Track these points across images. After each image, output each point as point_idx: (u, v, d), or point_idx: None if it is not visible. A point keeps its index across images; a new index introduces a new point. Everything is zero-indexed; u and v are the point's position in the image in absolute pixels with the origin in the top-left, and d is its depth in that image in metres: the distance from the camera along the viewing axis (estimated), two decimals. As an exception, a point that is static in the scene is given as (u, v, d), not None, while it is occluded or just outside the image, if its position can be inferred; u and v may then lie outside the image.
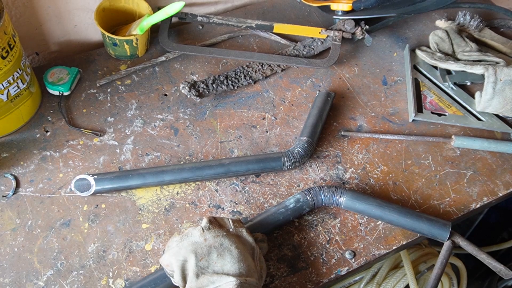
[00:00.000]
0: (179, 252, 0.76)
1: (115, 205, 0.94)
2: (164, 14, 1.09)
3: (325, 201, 0.93)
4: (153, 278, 0.82)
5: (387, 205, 0.92)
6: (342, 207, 0.93)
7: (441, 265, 0.88)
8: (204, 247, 0.76)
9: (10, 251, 0.87)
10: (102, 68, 1.12)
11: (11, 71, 0.91)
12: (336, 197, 0.93)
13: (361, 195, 0.93)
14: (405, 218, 0.91)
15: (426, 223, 0.90)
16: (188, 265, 0.75)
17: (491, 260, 0.89)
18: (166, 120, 1.06)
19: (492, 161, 1.05)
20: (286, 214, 0.91)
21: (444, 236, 0.90)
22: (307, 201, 0.92)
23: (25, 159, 0.97)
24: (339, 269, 0.90)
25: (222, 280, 0.72)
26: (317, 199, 0.93)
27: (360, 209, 0.92)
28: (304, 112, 1.09)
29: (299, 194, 0.93)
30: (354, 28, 1.18)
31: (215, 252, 0.75)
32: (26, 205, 0.92)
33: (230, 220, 0.81)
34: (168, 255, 0.77)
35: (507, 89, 1.05)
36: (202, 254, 0.75)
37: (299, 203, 0.92)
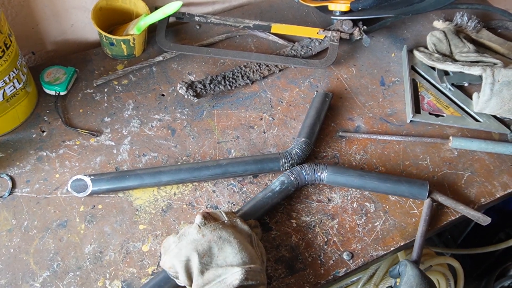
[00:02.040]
0: (179, 252, 0.76)
1: (112, 205, 0.93)
2: (162, 14, 1.08)
3: (307, 179, 0.95)
4: (157, 281, 0.81)
5: (367, 174, 0.96)
6: (325, 183, 0.96)
7: (425, 223, 0.93)
8: (204, 243, 0.75)
9: (6, 252, 0.86)
10: (99, 68, 1.12)
11: (7, 71, 0.90)
12: (317, 173, 0.95)
13: (342, 168, 0.97)
14: (385, 184, 0.95)
15: (405, 185, 0.95)
16: (191, 264, 0.75)
17: (470, 210, 0.95)
18: (163, 120, 1.05)
19: (490, 162, 1.05)
20: (273, 198, 0.93)
21: (424, 194, 0.95)
22: (291, 181, 0.94)
23: (21, 159, 0.97)
24: (337, 270, 0.89)
25: (228, 272, 0.73)
26: (300, 178, 0.95)
27: (343, 182, 0.96)
28: (302, 113, 1.09)
29: (282, 176, 0.95)
30: (352, 29, 1.18)
31: (215, 246, 0.75)
32: (22, 206, 0.91)
33: (223, 212, 0.82)
34: (168, 257, 0.77)
35: (504, 90, 1.05)
36: (203, 250, 0.75)
37: (284, 185, 0.94)
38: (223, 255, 0.75)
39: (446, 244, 1.74)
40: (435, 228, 0.96)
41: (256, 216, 0.91)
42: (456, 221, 0.99)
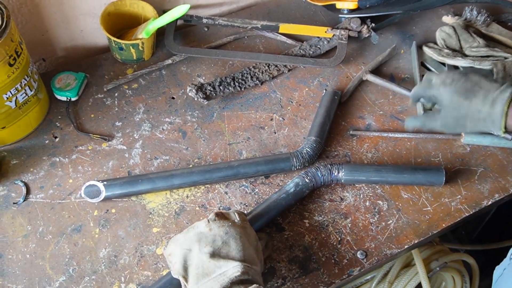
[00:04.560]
0: (184, 242, 0.76)
1: (125, 209, 0.94)
2: (170, 17, 1.09)
3: (324, 180, 0.95)
4: (168, 279, 0.82)
5: (383, 167, 0.97)
6: (343, 182, 0.96)
7: None
8: (209, 236, 0.75)
9: (22, 258, 0.87)
10: (109, 73, 1.13)
11: (18, 78, 0.91)
12: (334, 173, 0.95)
13: (358, 165, 0.97)
14: (402, 175, 0.96)
15: (421, 173, 0.96)
16: (191, 255, 0.74)
17: None
18: (174, 123, 1.06)
19: (503, 157, 1.04)
20: (287, 199, 0.93)
21: (441, 180, 0.96)
22: (306, 183, 0.94)
23: (35, 165, 0.98)
24: (351, 269, 0.89)
25: (229, 264, 0.72)
26: (315, 180, 0.94)
27: (361, 179, 0.96)
28: (312, 112, 1.09)
29: (297, 178, 0.95)
30: (360, 26, 1.18)
31: (219, 239, 0.75)
32: (37, 212, 0.92)
33: (236, 213, 0.81)
34: (172, 245, 0.77)
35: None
36: (207, 241, 0.74)
37: (299, 187, 0.93)
38: (227, 249, 0.74)
39: (460, 240, 1.72)
40: (449, 225, 0.96)
41: (268, 217, 0.91)
42: (470, 217, 0.98)
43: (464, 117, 0.85)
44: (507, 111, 0.80)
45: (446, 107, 0.87)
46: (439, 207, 0.97)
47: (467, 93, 0.84)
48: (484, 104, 0.82)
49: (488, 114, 0.82)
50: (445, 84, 0.87)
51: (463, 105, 0.84)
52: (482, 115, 0.82)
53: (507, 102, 0.80)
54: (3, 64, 0.86)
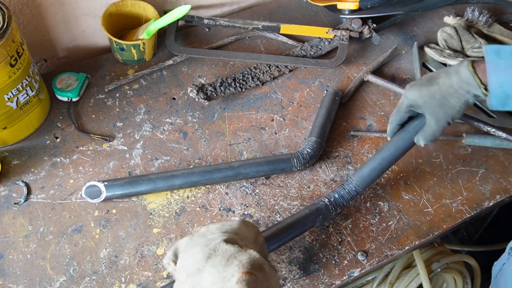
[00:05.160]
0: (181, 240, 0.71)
1: (125, 210, 0.94)
2: (171, 18, 1.09)
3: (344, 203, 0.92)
4: None
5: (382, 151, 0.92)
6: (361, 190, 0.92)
7: None
8: (204, 229, 0.71)
9: (23, 258, 0.87)
10: (110, 73, 1.13)
11: (20, 79, 0.91)
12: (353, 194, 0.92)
13: (365, 167, 0.92)
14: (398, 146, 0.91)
15: None
16: (180, 242, 0.69)
17: None
18: (175, 123, 1.06)
19: (504, 158, 1.04)
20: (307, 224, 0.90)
21: None
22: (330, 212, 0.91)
23: (36, 165, 0.98)
24: (351, 270, 0.89)
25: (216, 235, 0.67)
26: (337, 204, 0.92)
27: (373, 177, 0.92)
28: (313, 113, 1.09)
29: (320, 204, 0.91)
30: (361, 27, 1.18)
31: (213, 227, 0.70)
32: (37, 212, 0.92)
33: None
34: None
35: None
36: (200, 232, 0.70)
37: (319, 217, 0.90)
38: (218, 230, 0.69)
39: (462, 242, 1.72)
40: (450, 226, 0.95)
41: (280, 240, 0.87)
42: (471, 218, 0.98)
43: (443, 98, 0.85)
44: (474, 70, 0.80)
45: (423, 105, 0.87)
46: (440, 208, 0.97)
47: (431, 80, 0.85)
48: (450, 77, 0.83)
49: (460, 81, 0.82)
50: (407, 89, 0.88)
51: (434, 90, 0.85)
52: (455, 85, 0.83)
53: (470, 63, 0.81)
54: (5, 64, 0.86)
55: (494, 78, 0.78)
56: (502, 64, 0.78)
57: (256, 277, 0.59)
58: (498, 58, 0.78)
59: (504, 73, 0.78)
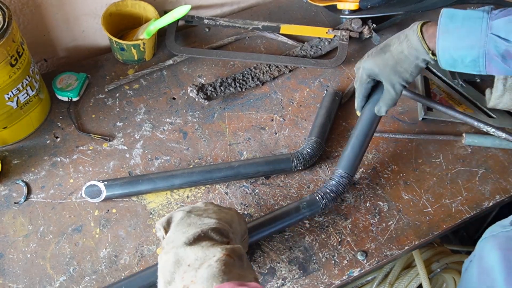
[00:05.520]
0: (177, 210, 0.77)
1: (125, 209, 0.94)
2: (171, 18, 1.09)
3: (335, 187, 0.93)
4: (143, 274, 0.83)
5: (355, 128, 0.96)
6: None
7: None
8: (202, 207, 0.77)
9: (23, 257, 0.87)
10: (110, 73, 1.13)
11: (20, 79, 0.91)
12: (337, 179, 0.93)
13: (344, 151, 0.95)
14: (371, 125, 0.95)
15: None
16: (179, 213, 0.75)
17: None
18: (175, 123, 1.06)
19: (504, 158, 1.04)
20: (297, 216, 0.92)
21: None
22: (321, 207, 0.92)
23: (36, 165, 0.98)
24: (351, 270, 0.89)
25: (212, 220, 0.73)
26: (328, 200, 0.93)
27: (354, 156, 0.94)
28: (312, 113, 1.09)
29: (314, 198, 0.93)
30: (361, 27, 1.18)
31: (211, 210, 0.77)
32: (38, 211, 0.92)
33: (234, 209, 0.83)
34: None
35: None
36: (199, 209, 0.76)
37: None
38: (214, 216, 0.75)
39: (462, 242, 1.72)
40: (450, 227, 0.95)
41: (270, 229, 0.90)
42: (471, 218, 0.98)
43: (396, 64, 0.87)
44: (422, 36, 0.82)
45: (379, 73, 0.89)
46: (440, 208, 0.97)
47: (384, 48, 0.88)
48: (401, 43, 0.85)
49: (409, 47, 0.84)
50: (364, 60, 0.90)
51: (386, 58, 0.87)
52: (405, 51, 0.85)
53: (418, 28, 0.83)
54: (5, 64, 0.86)
55: (441, 42, 0.80)
56: (451, 28, 0.79)
57: (234, 260, 0.65)
58: (450, 22, 0.80)
59: (451, 36, 0.79)
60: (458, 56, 0.79)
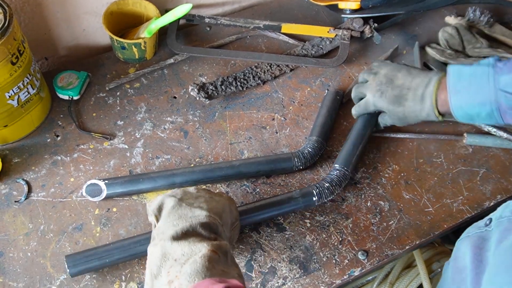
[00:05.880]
0: (169, 192, 0.79)
1: (126, 208, 0.94)
2: (172, 17, 1.09)
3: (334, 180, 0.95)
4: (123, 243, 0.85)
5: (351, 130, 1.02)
6: None
7: None
8: (194, 193, 0.79)
9: (23, 256, 0.87)
10: (111, 72, 1.13)
11: (21, 77, 0.91)
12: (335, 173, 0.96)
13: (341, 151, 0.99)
14: None
15: None
16: (170, 199, 0.76)
17: None
18: (176, 122, 1.06)
19: (505, 158, 1.04)
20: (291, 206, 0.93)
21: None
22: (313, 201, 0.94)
23: (37, 164, 0.98)
24: (352, 269, 0.89)
25: (203, 212, 0.74)
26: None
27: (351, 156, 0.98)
28: (314, 112, 1.09)
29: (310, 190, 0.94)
30: (362, 27, 1.18)
31: (203, 198, 0.78)
32: (38, 210, 0.92)
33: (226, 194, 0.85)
34: (158, 196, 0.80)
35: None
36: (191, 196, 0.78)
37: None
38: (207, 205, 0.76)
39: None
40: (450, 226, 0.95)
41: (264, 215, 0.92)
42: (472, 218, 0.98)
43: (404, 118, 0.95)
44: (436, 104, 0.88)
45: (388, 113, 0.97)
46: (441, 208, 0.97)
47: (399, 100, 0.93)
48: (415, 104, 0.91)
49: (422, 110, 0.91)
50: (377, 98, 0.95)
51: (399, 111, 0.94)
52: (417, 112, 0.92)
53: (434, 95, 0.88)
54: (6, 62, 0.86)
55: (453, 101, 0.85)
56: (460, 87, 0.84)
57: (219, 257, 0.67)
58: (458, 81, 0.84)
59: (462, 96, 0.84)
60: (473, 112, 0.84)
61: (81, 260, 0.83)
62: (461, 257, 0.80)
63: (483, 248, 0.74)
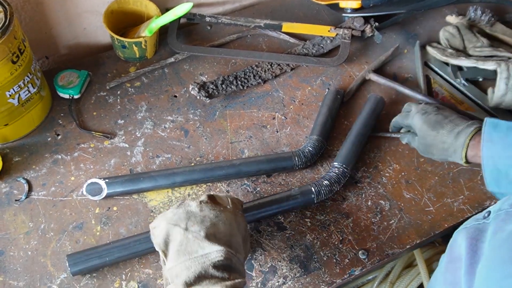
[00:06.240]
0: (172, 217, 0.73)
1: (127, 207, 0.94)
2: (173, 16, 1.09)
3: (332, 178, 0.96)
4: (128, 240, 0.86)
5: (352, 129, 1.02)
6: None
7: None
8: (198, 216, 0.73)
9: (24, 255, 0.87)
10: (112, 71, 1.13)
11: (21, 76, 0.91)
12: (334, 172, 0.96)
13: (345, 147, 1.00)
14: None
15: None
16: (176, 230, 0.72)
17: None
18: (176, 121, 1.06)
19: (506, 158, 1.04)
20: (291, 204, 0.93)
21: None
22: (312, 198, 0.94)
23: (37, 162, 0.98)
24: (352, 269, 0.89)
25: (213, 247, 0.70)
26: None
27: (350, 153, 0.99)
28: (314, 111, 1.09)
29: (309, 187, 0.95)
30: (363, 26, 1.18)
31: (208, 221, 0.73)
32: (38, 209, 0.92)
33: (229, 198, 0.79)
34: (160, 219, 0.75)
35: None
36: (195, 221, 0.72)
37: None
38: (214, 231, 0.72)
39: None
40: (451, 226, 0.95)
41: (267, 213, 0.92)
42: (473, 218, 0.98)
43: (430, 145, 0.93)
44: (468, 143, 0.87)
45: (417, 134, 0.96)
46: (442, 207, 0.97)
47: (436, 125, 0.92)
48: (449, 136, 0.90)
49: (451, 145, 0.89)
50: (419, 114, 0.95)
51: (430, 135, 0.92)
52: (446, 145, 0.90)
53: (470, 135, 0.87)
54: (6, 61, 0.86)
55: (485, 150, 0.83)
56: (495, 137, 0.82)
57: None
58: (493, 131, 0.83)
59: (495, 146, 0.82)
60: (503, 166, 0.81)
61: (82, 258, 0.83)
62: (456, 247, 0.80)
63: (479, 240, 0.74)
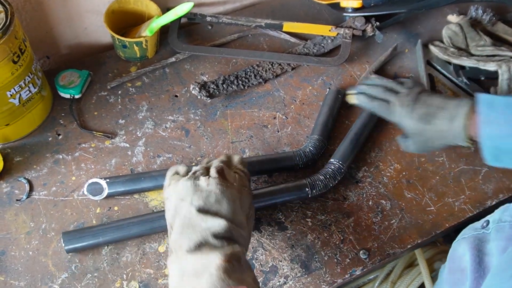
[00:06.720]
0: (181, 190, 0.75)
1: (127, 207, 0.94)
2: (173, 15, 1.09)
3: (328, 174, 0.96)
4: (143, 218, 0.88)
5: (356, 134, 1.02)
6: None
7: None
8: (204, 190, 0.74)
9: (25, 255, 0.87)
10: (113, 71, 1.13)
11: (22, 76, 0.91)
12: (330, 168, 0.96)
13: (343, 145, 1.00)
14: None
15: None
16: (182, 205, 0.74)
17: None
18: (177, 121, 1.06)
19: (508, 157, 1.03)
20: None
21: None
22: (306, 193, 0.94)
23: (38, 162, 0.98)
24: (353, 268, 0.89)
25: (215, 221, 0.71)
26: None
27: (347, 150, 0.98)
28: (315, 111, 1.09)
29: None
30: (364, 25, 1.17)
31: (214, 197, 0.74)
32: (40, 209, 0.92)
33: (237, 175, 0.80)
34: (171, 189, 0.77)
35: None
36: (201, 195, 0.74)
37: None
38: (218, 207, 0.74)
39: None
40: (452, 225, 0.95)
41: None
42: (474, 217, 0.97)
43: (430, 139, 0.88)
44: (466, 124, 0.82)
45: (412, 135, 0.90)
46: (443, 207, 0.97)
47: (427, 118, 0.86)
48: (444, 123, 0.84)
49: (450, 130, 0.84)
50: (404, 112, 0.89)
51: (426, 129, 0.87)
52: (444, 133, 0.85)
53: (466, 116, 0.82)
54: (7, 61, 0.86)
55: (484, 130, 0.79)
56: (493, 117, 0.79)
57: (233, 265, 0.67)
58: (490, 110, 0.79)
59: (494, 126, 0.79)
60: (504, 144, 0.78)
61: (76, 236, 0.85)
62: (458, 258, 0.79)
63: (481, 251, 0.73)
